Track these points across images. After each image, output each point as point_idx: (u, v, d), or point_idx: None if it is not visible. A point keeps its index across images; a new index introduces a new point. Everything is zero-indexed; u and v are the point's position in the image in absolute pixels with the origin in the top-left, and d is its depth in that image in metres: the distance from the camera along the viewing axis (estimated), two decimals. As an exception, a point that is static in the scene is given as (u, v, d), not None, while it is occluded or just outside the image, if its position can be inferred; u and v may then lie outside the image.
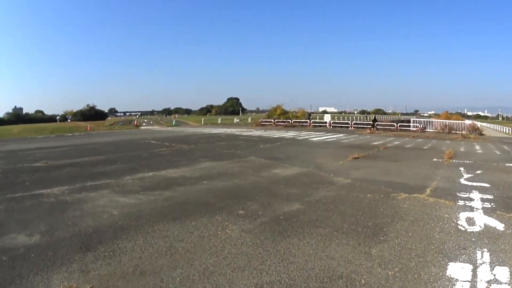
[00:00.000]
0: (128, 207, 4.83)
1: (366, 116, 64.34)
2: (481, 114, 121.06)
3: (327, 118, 35.28)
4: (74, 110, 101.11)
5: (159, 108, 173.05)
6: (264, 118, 36.70)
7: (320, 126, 29.63)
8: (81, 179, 6.91)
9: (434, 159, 9.73)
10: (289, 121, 31.50)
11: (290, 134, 20.47)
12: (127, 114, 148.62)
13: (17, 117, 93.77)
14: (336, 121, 33.24)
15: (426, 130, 24.03)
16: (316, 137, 18.22)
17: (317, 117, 44.42)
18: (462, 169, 8.03)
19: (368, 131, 23.03)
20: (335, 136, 19.02)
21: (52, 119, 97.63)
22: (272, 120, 33.06)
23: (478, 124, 23.50)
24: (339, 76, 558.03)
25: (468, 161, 9.35)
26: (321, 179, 6.86)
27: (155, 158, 10.04)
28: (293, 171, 7.75)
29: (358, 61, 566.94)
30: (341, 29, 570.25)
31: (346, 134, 20.26)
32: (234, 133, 21.21)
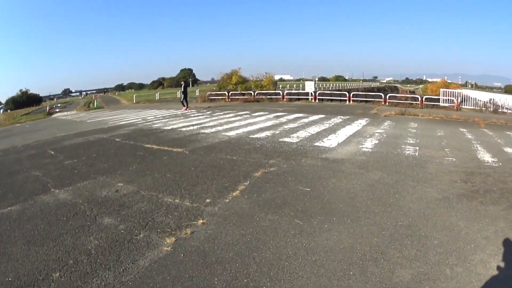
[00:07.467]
0: None
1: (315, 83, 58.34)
2: (449, 81, 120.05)
3: (309, 87, 24.52)
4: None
5: (113, 84, 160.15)
6: (213, 91, 25.52)
7: (298, 99, 20.73)
8: None
9: None
10: (250, 93, 22.14)
11: (260, 122, 10.74)
12: (83, 93, 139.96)
13: None
14: (325, 91, 25.09)
15: (462, 106, 16.79)
16: (327, 133, 8.74)
17: (287, 86, 36.52)
18: None
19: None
20: (355, 122, 10.55)
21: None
22: (226, 93, 23.23)
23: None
24: (291, 43, 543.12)
25: None
26: None
27: None
28: None
29: (311, 27, 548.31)
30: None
31: (369, 119, 11.81)
32: (151, 127, 10.60)
